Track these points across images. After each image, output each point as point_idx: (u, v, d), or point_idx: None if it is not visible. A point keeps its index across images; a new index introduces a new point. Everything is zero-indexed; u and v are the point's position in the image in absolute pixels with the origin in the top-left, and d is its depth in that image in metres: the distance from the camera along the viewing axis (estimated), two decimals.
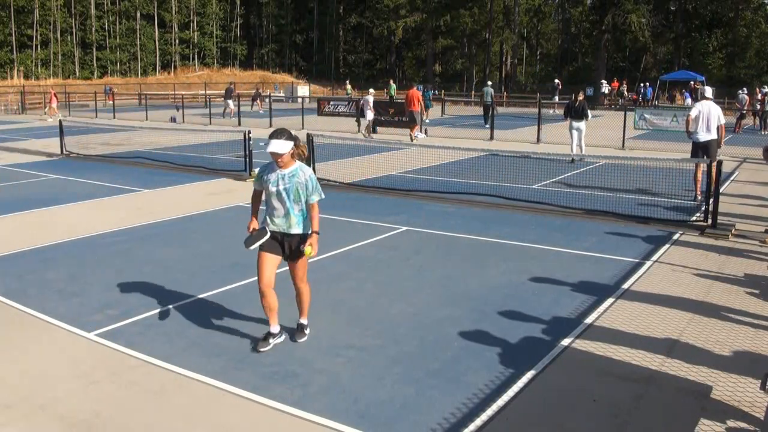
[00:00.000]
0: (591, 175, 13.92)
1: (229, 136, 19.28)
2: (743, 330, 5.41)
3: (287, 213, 4.92)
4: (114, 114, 32.44)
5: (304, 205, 4.94)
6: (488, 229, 8.96)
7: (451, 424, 3.94)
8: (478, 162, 15.24)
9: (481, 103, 29.59)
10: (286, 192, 4.86)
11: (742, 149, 17.93)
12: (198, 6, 70.07)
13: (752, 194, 11.85)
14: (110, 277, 6.86)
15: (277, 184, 4.86)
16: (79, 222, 9.50)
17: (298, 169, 4.90)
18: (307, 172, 4.91)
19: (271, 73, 66.52)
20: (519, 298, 6.17)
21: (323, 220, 9.85)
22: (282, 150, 4.74)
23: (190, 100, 42.95)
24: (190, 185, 12.65)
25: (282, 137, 4.77)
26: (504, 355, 4.90)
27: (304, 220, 4.98)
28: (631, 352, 4.94)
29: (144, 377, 4.57)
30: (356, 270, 7.13)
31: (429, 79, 58.85)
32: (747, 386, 4.41)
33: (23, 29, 59.39)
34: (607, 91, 44.10)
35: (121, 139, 21.89)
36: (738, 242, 8.33)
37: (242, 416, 4.06)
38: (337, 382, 4.48)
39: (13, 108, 38.96)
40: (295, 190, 4.85)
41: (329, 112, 31.04)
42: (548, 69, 69.40)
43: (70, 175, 14.06)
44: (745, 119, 27.16)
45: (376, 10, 62.81)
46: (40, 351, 5.03)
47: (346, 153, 15.78)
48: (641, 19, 48.49)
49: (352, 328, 5.47)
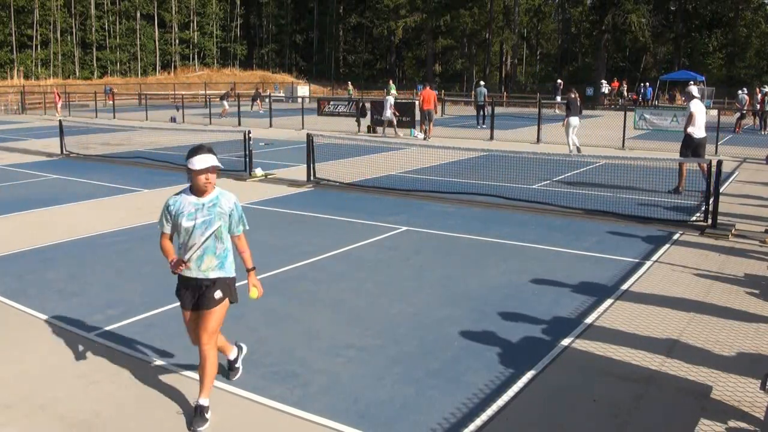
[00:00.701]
0: (591, 175, 13.92)
1: (229, 136, 19.27)
2: (743, 330, 5.40)
3: (206, 253, 3.95)
4: (114, 114, 32.44)
5: (227, 241, 4.04)
6: (488, 229, 8.96)
7: (451, 424, 3.94)
8: (478, 162, 15.24)
9: (474, 104, 29.57)
10: (205, 226, 3.91)
11: (742, 149, 17.94)
12: (198, 6, 70.07)
13: (752, 194, 11.85)
14: (110, 277, 6.86)
15: (194, 217, 3.91)
16: (79, 222, 9.50)
17: (219, 197, 3.98)
18: (231, 200, 4.02)
19: (271, 73, 66.52)
20: (519, 298, 6.16)
21: (323, 220, 9.94)
22: (217, 162, 3.89)
23: (190, 100, 42.96)
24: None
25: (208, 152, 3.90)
26: (504, 355, 4.90)
27: (227, 261, 4.08)
28: (631, 352, 4.93)
29: (144, 377, 4.57)
30: (356, 270, 7.12)
31: (429, 79, 58.84)
32: (747, 386, 4.40)
33: (23, 29, 59.41)
34: (607, 91, 44.10)
35: (121, 139, 21.89)
36: (738, 242, 8.33)
37: (242, 416, 4.06)
38: (337, 382, 4.48)
39: (13, 108, 38.96)
40: (217, 223, 3.95)
41: (329, 112, 31.06)
42: (548, 69, 69.44)
43: (70, 175, 14.06)
44: (745, 119, 27.15)
45: (376, 10, 62.81)
46: (40, 351, 5.03)
47: (346, 153, 15.78)
48: (641, 19, 48.50)
49: (352, 328, 5.47)
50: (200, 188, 3.91)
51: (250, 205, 10.73)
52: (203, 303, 4.01)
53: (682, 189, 11.48)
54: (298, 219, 9.67)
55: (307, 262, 7.36)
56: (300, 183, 12.54)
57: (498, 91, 51.09)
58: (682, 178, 11.59)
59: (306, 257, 7.55)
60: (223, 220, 3.96)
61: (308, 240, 8.39)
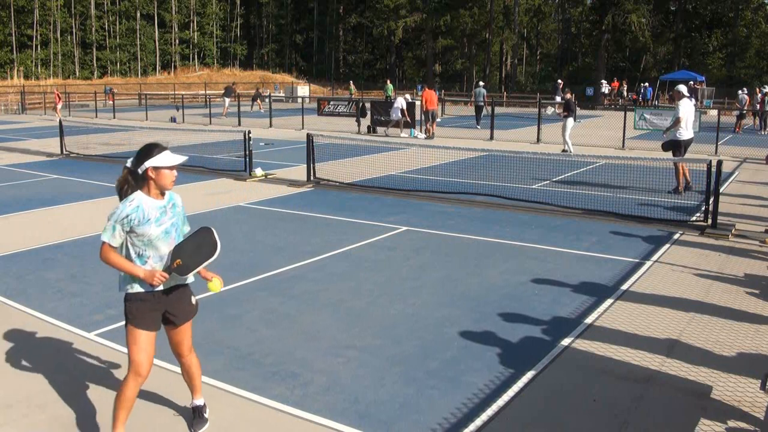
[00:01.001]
0: (591, 175, 13.92)
1: (229, 136, 19.27)
2: (743, 330, 5.40)
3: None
4: (114, 114, 32.45)
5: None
6: (488, 229, 8.96)
7: (451, 424, 3.94)
8: (478, 162, 15.24)
9: (473, 104, 29.63)
10: (174, 228, 3.61)
11: (742, 149, 17.94)
12: (198, 6, 70.09)
13: (752, 194, 11.85)
14: (110, 277, 6.83)
15: (161, 221, 3.53)
16: (79, 222, 9.51)
17: (172, 195, 3.67)
18: (178, 196, 3.71)
19: (271, 73, 66.55)
20: (519, 298, 6.16)
21: (323, 220, 9.95)
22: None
23: (190, 101, 42.97)
24: (190, 185, 12.64)
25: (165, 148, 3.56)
26: (504, 355, 4.90)
27: None
28: (631, 352, 4.93)
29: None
30: (356, 270, 7.12)
31: (429, 79, 58.85)
32: (747, 386, 4.40)
33: (23, 29, 59.43)
34: (607, 91, 44.12)
35: (121, 139, 21.89)
36: (738, 242, 8.33)
37: (242, 416, 4.06)
38: (337, 382, 4.48)
39: (13, 108, 38.97)
40: (181, 223, 3.69)
41: (329, 112, 31.07)
42: (548, 69, 69.45)
43: (70, 175, 14.06)
44: (745, 119, 27.15)
45: (376, 10, 62.77)
46: (40, 351, 5.03)
47: (346, 153, 15.78)
48: (641, 19, 48.49)
49: (352, 328, 5.47)
50: (166, 187, 3.55)
51: (250, 205, 10.74)
52: (180, 315, 3.70)
53: (681, 189, 11.51)
54: (298, 219, 9.67)
55: (307, 262, 7.36)
56: (300, 183, 12.54)
57: (498, 91, 51.10)
58: (680, 177, 11.62)
59: (306, 257, 7.55)
60: (183, 219, 3.71)
61: (308, 240, 8.38)
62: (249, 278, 6.74)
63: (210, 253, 3.54)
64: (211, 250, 3.55)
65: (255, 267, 7.14)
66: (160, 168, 3.47)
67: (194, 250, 3.54)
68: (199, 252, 3.54)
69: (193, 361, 3.88)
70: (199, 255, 3.53)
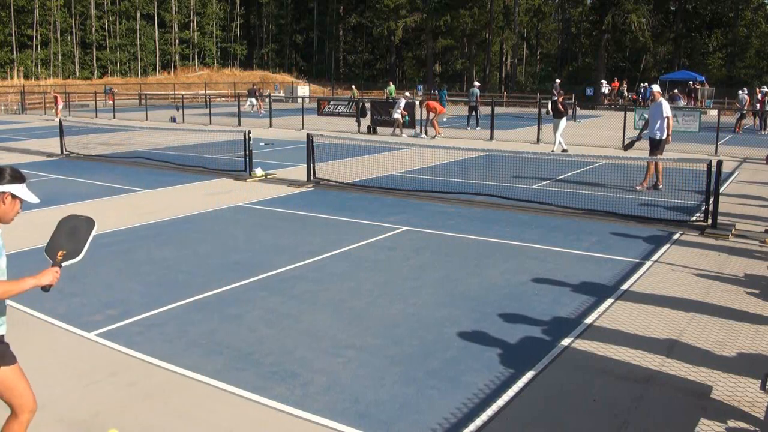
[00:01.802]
0: (591, 175, 13.92)
1: (229, 136, 19.26)
2: (743, 330, 5.40)
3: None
4: (114, 114, 32.44)
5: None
6: (488, 229, 8.96)
7: (451, 424, 3.94)
8: (478, 162, 15.24)
9: (467, 104, 29.65)
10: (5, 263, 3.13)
11: (742, 149, 17.95)
12: (198, 6, 70.07)
13: (752, 194, 11.85)
14: (110, 277, 6.86)
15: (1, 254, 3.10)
16: None
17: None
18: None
19: (271, 73, 66.52)
20: (519, 298, 6.16)
21: (323, 220, 9.95)
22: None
23: (190, 101, 42.95)
24: (190, 185, 12.65)
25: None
26: (504, 355, 4.90)
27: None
28: (631, 352, 4.93)
29: (144, 377, 4.57)
30: (356, 270, 7.12)
31: (429, 79, 58.89)
32: (747, 386, 4.40)
33: (23, 29, 59.39)
34: (607, 91, 44.12)
35: (121, 139, 21.88)
36: (738, 242, 8.33)
37: (242, 416, 4.06)
38: (337, 382, 4.48)
39: (13, 108, 38.96)
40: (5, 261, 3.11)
41: (329, 112, 31.06)
42: (548, 69, 69.42)
43: (70, 175, 14.06)
44: (745, 119, 27.15)
45: (376, 10, 62.76)
46: (40, 351, 5.03)
47: (346, 153, 15.77)
48: (641, 19, 48.49)
49: (352, 328, 5.47)
50: (11, 220, 3.13)
51: (250, 205, 10.74)
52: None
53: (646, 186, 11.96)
54: (298, 219, 9.67)
55: (307, 262, 7.36)
56: (300, 183, 12.54)
57: (498, 91, 51.09)
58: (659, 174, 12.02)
59: (306, 257, 7.55)
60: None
61: (308, 240, 8.38)
62: (249, 278, 6.74)
63: (89, 227, 3.23)
64: (88, 226, 3.23)
65: (255, 267, 7.14)
66: (17, 197, 3.04)
67: (70, 236, 3.21)
68: (76, 234, 3.20)
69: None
70: (79, 234, 3.20)
